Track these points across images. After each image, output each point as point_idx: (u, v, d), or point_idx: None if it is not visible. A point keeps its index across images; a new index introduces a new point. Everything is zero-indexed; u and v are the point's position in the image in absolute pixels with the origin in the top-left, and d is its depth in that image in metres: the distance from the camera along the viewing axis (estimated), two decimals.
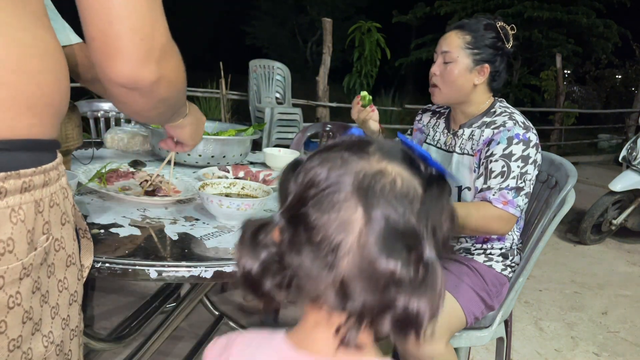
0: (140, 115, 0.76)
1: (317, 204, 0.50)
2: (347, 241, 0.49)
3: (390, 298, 0.49)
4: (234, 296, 2.53)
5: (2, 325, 0.55)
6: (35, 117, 0.57)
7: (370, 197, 0.50)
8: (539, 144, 1.46)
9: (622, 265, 3.63)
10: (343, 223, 0.49)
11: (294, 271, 0.52)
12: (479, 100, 1.53)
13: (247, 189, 1.33)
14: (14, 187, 0.54)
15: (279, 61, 6.03)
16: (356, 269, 0.49)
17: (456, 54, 1.47)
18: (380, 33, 6.76)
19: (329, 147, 0.55)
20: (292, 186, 0.54)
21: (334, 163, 0.52)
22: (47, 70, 0.59)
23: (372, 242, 0.49)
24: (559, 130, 8.76)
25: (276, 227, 0.54)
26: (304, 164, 0.55)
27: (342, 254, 0.49)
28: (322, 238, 0.50)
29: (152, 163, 1.74)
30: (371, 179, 0.50)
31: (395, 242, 0.49)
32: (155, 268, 0.92)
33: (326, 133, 2.73)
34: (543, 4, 10.76)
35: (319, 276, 0.50)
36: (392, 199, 0.50)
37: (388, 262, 0.49)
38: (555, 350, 2.34)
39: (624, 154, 4.05)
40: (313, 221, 0.50)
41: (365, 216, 0.49)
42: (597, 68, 12.54)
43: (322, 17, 6.42)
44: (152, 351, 1.51)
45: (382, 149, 0.54)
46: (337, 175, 0.51)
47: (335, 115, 6.80)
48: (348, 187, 0.50)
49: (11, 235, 0.54)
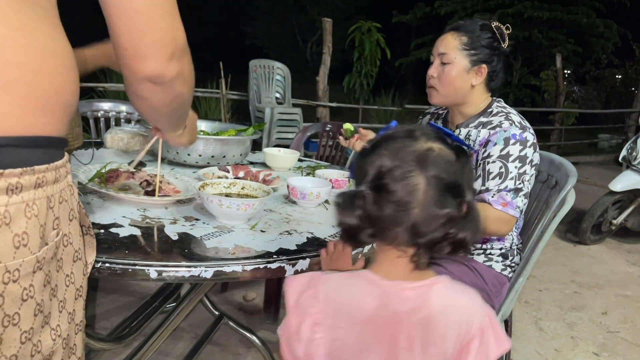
0: (156, 110, 0.81)
1: (391, 177, 0.74)
2: (415, 198, 0.73)
3: (447, 231, 0.74)
4: (234, 296, 2.54)
5: (16, 317, 0.57)
6: (49, 116, 0.60)
7: (426, 166, 0.74)
8: (536, 144, 1.46)
9: (622, 265, 3.63)
10: (411, 186, 0.73)
11: (379, 222, 0.75)
12: (477, 101, 1.53)
13: (247, 189, 1.33)
14: (28, 182, 0.56)
15: (279, 61, 6.03)
16: (423, 215, 0.73)
17: (453, 56, 1.48)
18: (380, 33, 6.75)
19: (388, 138, 0.79)
20: (368, 167, 0.77)
21: (396, 148, 0.76)
22: (61, 70, 0.62)
23: (432, 196, 0.73)
24: (559, 130, 8.76)
25: (363, 194, 0.76)
26: (372, 152, 0.78)
27: (412, 207, 0.73)
28: (398, 198, 0.73)
29: (152, 163, 1.74)
30: (424, 154, 0.75)
31: (447, 193, 0.74)
32: (155, 268, 0.92)
33: (326, 133, 2.73)
34: (543, 4, 10.75)
35: (397, 224, 0.74)
36: (440, 165, 0.75)
37: (444, 207, 0.73)
38: (555, 350, 2.34)
39: (624, 154, 4.05)
40: (390, 188, 0.74)
41: (425, 179, 0.74)
42: (597, 68, 12.54)
43: (322, 17, 6.42)
44: (152, 351, 1.51)
45: (424, 133, 0.79)
46: (401, 156, 0.75)
47: (335, 115, 6.80)
48: (411, 162, 0.74)
49: (26, 229, 0.56)
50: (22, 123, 0.56)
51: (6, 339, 0.56)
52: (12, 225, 0.55)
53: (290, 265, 1.02)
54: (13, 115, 0.55)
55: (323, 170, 1.75)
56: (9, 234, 0.54)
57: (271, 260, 1.01)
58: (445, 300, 0.78)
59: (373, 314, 0.77)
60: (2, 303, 0.55)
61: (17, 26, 0.56)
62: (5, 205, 0.54)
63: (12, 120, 0.55)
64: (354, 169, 0.84)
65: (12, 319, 0.56)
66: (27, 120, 0.57)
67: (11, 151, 0.55)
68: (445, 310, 0.77)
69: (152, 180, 1.37)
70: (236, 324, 1.92)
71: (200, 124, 1.96)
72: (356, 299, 0.79)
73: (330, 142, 2.71)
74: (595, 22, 11.05)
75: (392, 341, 0.77)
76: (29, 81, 0.57)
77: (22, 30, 0.57)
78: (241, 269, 0.98)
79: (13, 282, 0.55)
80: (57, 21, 0.64)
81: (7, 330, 0.56)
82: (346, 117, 6.56)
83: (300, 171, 1.92)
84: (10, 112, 0.55)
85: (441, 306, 0.77)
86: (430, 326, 0.77)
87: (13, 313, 0.56)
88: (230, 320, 1.92)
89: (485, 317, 0.80)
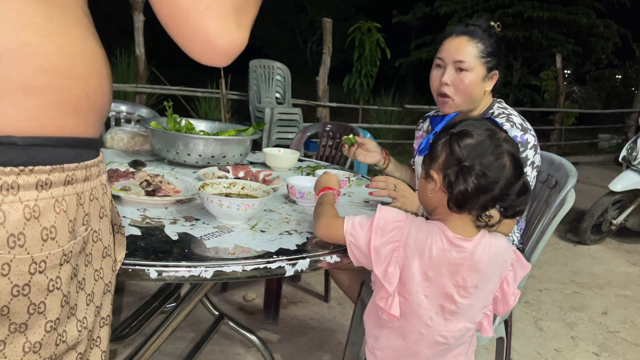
0: None
1: (488, 157, 0.96)
2: (503, 174, 0.96)
3: (514, 201, 0.98)
4: (234, 296, 2.54)
5: (42, 306, 0.60)
6: (80, 118, 0.62)
7: (509, 148, 0.98)
8: (537, 145, 1.46)
9: (622, 265, 3.63)
10: (502, 164, 0.96)
11: (475, 192, 0.96)
12: (483, 105, 1.54)
13: (247, 189, 1.33)
14: (58, 179, 0.59)
15: (279, 61, 6.02)
16: (504, 188, 0.96)
17: (473, 64, 1.44)
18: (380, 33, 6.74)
19: (469, 129, 0.99)
20: (463, 150, 0.97)
21: (486, 135, 0.98)
22: (92, 75, 0.64)
23: (512, 172, 0.97)
24: (559, 130, 8.76)
25: (469, 170, 0.95)
26: (465, 137, 0.98)
27: (500, 180, 0.96)
28: (493, 174, 0.95)
29: (152, 163, 1.74)
30: (505, 139, 0.99)
31: (519, 170, 0.98)
32: (155, 268, 0.92)
33: (326, 133, 2.73)
34: (543, 4, 10.75)
35: (486, 193, 0.96)
36: (514, 147, 1.00)
37: (517, 182, 0.97)
38: (555, 350, 2.34)
39: (624, 154, 4.05)
40: (488, 165, 0.96)
41: (510, 159, 0.97)
42: (597, 68, 12.54)
43: (322, 17, 6.41)
44: (152, 351, 1.51)
45: (493, 125, 1.01)
46: (494, 142, 0.97)
47: (335, 115, 6.80)
48: (500, 147, 0.97)
49: (54, 223, 0.59)
50: (54, 124, 0.59)
51: (31, 325, 0.59)
52: (41, 219, 0.57)
53: (290, 265, 1.02)
54: (45, 117, 0.58)
55: (323, 170, 1.75)
56: (37, 227, 0.57)
57: (271, 260, 1.01)
58: (490, 248, 1.02)
59: (438, 254, 0.99)
60: (28, 292, 0.58)
61: (48, 32, 0.58)
62: (35, 199, 0.57)
63: (44, 121, 0.58)
64: (426, 149, 1.05)
65: (37, 307, 0.59)
66: (58, 122, 0.59)
67: (42, 150, 0.58)
68: (492, 256, 1.02)
69: (152, 180, 1.37)
70: (236, 324, 1.92)
71: (200, 124, 1.96)
72: (429, 241, 0.99)
73: (330, 142, 2.71)
74: (595, 22, 11.04)
75: (449, 278, 1.00)
76: (60, 86, 0.59)
77: (52, 37, 0.59)
78: (241, 269, 0.98)
79: (39, 272, 0.58)
80: (88, 24, 0.65)
81: (32, 317, 0.59)
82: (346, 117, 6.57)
83: (300, 171, 1.92)
84: (42, 114, 0.58)
85: (488, 253, 1.01)
86: (481, 269, 1.01)
87: (39, 302, 0.59)
88: (230, 320, 1.92)
89: (512, 252, 1.06)
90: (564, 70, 8.94)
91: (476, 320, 1.07)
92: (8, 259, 0.56)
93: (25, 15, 0.57)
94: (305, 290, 2.69)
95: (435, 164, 1.01)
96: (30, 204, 0.56)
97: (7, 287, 0.56)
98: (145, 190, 1.32)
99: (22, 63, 0.56)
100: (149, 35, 5.26)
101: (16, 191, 0.55)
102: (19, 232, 0.56)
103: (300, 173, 1.88)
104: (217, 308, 1.95)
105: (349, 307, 2.49)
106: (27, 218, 0.56)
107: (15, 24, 0.56)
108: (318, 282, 2.74)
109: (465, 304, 1.03)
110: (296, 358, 2.06)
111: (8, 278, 0.56)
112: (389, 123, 7.18)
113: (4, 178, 0.54)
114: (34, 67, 0.57)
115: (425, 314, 1.03)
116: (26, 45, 0.56)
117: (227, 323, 1.92)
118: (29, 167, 0.56)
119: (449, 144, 0.99)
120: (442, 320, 1.04)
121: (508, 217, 1.01)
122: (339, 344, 2.18)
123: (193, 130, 1.87)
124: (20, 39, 0.56)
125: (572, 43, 11.23)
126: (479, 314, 1.07)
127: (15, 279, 0.57)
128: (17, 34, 0.56)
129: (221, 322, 1.92)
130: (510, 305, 1.07)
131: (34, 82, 0.57)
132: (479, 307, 1.06)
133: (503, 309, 1.08)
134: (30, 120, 0.57)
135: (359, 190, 1.68)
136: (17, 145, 0.56)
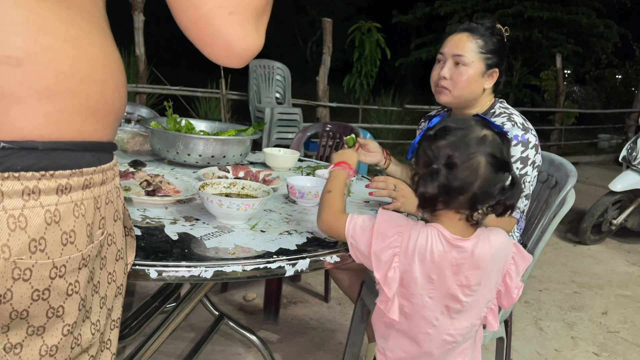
0: None
1: (460, 157, 0.95)
2: (478, 173, 0.95)
3: (499, 198, 0.97)
4: (234, 296, 2.54)
5: (60, 310, 0.60)
6: (99, 123, 0.63)
7: (484, 148, 0.96)
8: (538, 145, 1.46)
9: (622, 265, 3.63)
10: (475, 165, 0.95)
11: (449, 193, 0.96)
12: (483, 103, 1.54)
13: (247, 189, 1.33)
14: (77, 183, 0.59)
15: (279, 61, 6.02)
16: (483, 186, 0.96)
17: (471, 58, 1.46)
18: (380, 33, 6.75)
19: (448, 127, 0.99)
20: (439, 150, 0.97)
21: (461, 135, 0.98)
22: (110, 79, 0.64)
23: (490, 171, 0.96)
24: (559, 130, 8.75)
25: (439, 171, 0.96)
26: (440, 138, 0.98)
27: (475, 180, 0.95)
28: (466, 174, 0.95)
29: (152, 163, 1.74)
30: (482, 139, 0.97)
31: (500, 169, 0.97)
32: (155, 268, 0.93)
33: (326, 133, 2.73)
34: (543, 4, 10.74)
35: (463, 193, 0.96)
36: (494, 147, 0.97)
37: (497, 180, 0.96)
38: (555, 350, 2.33)
39: (624, 154, 4.05)
40: (460, 166, 0.95)
41: (485, 158, 0.96)
42: (597, 68, 12.54)
43: (322, 17, 6.41)
44: (152, 351, 1.51)
45: (477, 122, 1.01)
46: (466, 141, 0.97)
47: (335, 115, 6.80)
48: (474, 146, 0.96)
49: (73, 227, 0.59)
50: (73, 129, 0.59)
51: (49, 328, 0.60)
52: (62, 223, 0.58)
53: (290, 265, 1.02)
54: (65, 122, 0.59)
55: (323, 170, 1.75)
56: (58, 232, 0.58)
57: (271, 260, 1.01)
58: (490, 244, 1.03)
59: (439, 257, 1.00)
60: (48, 296, 0.58)
61: (68, 37, 0.59)
62: (56, 204, 0.57)
63: (64, 126, 0.59)
64: (414, 149, 1.07)
65: (56, 311, 0.60)
66: (77, 127, 0.60)
67: (62, 154, 0.58)
68: (492, 252, 1.03)
69: (152, 180, 1.37)
70: (236, 324, 1.92)
71: (200, 124, 1.96)
72: (429, 244, 1.00)
73: (330, 142, 2.71)
74: (595, 22, 11.04)
75: (452, 279, 1.01)
76: (80, 91, 0.60)
77: (73, 42, 0.59)
78: (241, 269, 0.98)
79: (59, 277, 0.59)
80: (106, 29, 0.66)
81: (51, 321, 0.60)
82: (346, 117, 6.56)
83: (300, 171, 1.92)
84: (62, 119, 0.58)
85: (489, 250, 1.02)
86: (483, 266, 1.02)
87: (57, 306, 0.60)
88: (230, 320, 1.92)
89: (512, 245, 1.07)
90: (564, 70, 8.93)
91: (481, 316, 1.09)
92: (30, 264, 0.56)
93: (47, 19, 0.57)
94: (305, 290, 2.69)
95: (417, 165, 1.04)
96: (51, 208, 0.57)
97: (28, 292, 0.57)
98: (145, 190, 1.32)
99: (44, 68, 0.56)
100: (149, 35, 5.26)
101: (37, 196, 0.56)
102: (40, 237, 0.56)
103: (300, 173, 1.88)
104: (217, 308, 1.95)
105: (349, 307, 2.49)
106: (47, 223, 0.57)
107: (37, 28, 0.56)
108: (318, 282, 2.74)
109: (470, 302, 1.04)
110: (296, 358, 2.06)
111: (29, 283, 0.56)
112: (389, 123, 7.17)
113: (26, 183, 0.55)
114: (55, 72, 0.57)
115: (430, 315, 1.04)
116: (47, 50, 0.57)
117: (227, 323, 1.92)
118: (50, 172, 0.56)
119: (423, 146, 1.02)
120: (449, 320, 1.05)
121: (500, 215, 1.00)
122: (339, 344, 2.18)
123: (193, 130, 1.87)
124: (41, 43, 0.56)
125: (572, 43, 11.23)
126: (483, 309, 1.08)
127: (36, 283, 0.57)
128: (38, 39, 0.56)
129: (221, 322, 1.91)
130: (515, 298, 1.08)
131: (55, 87, 0.57)
132: (483, 302, 1.07)
133: (508, 302, 1.09)
134: (51, 125, 0.57)
135: (359, 190, 1.68)
136: (38, 150, 0.56)
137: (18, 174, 0.54)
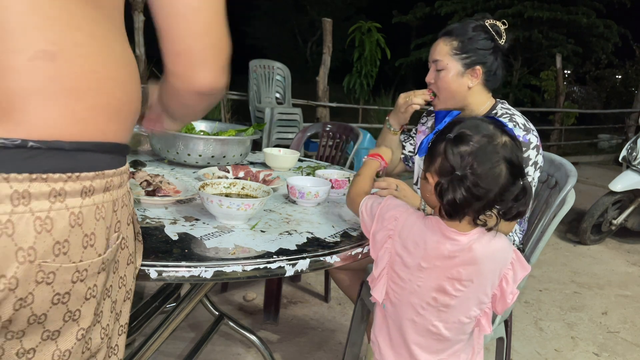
0: (190, 113, 0.85)
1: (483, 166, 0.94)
2: (499, 181, 0.95)
3: (512, 204, 0.97)
4: (234, 296, 2.54)
5: (77, 313, 0.59)
6: (121, 123, 0.63)
7: (506, 156, 0.96)
8: (540, 146, 1.46)
9: (622, 265, 3.63)
10: (497, 173, 0.95)
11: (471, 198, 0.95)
12: (478, 102, 1.53)
13: (247, 189, 1.33)
14: (99, 186, 0.59)
15: (279, 61, 6.02)
16: (500, 193, 0.96)
17: (445, 62, 1.51)
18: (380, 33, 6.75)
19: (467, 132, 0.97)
20: (459, 157, 0.96)
21: (484, 142, 0.96)
22: (131, 79, 0.65)
23: (508, 179, 0.96)
24: (559, 130, 8.76)
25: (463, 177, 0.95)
26: (461, 143, 0.96)
27: (495, 187, 0.95)
28: (487, 182, 0.95)
29: (152, 163, 1.74)
30: (503, 147, 0.97)
31: (516, 175, 0.97)
32: (155, 268, 0.92)
33: (326, 133, 2.73)
34: (543, 4, 10.75)
35: (480, 200, 0.96)
36: (513, 154, 0.97)
37: (514, 187, 0.97)
38: (555, 350, 2.34)
39: (624, 154, 4.05)
40: (482, 174, 0.94)
41: (505, 167, 0.96)
42: (597, 68, 12.54)
43: (322, 17, 6.41)
44: (152, 351, 1.51)
45: (495, 127, 0.99)
46: (490, 149, 0.95)
47: (335, 115, 6.80)
48: (496, 154, 0.95)
49: (94, 230, 0.59)
50: (98, 129, 0.59)
51: (63, 332, 0.59)
52: (84, 226, 0.57)
53: (290, 265, 1.02)
54: (90, 121, 0.58)
55: (323, 170, 1.75)
56: (80, 234, 0.57)
57: (271, 260, 1.01)
58: (488, 244, 1.03)
59: (433, 247, 1.02)
60: (67, 300, 0.58)
61: (96, 35, 0.59)
62: (80, 206, 0.56)
63: (90, 126, 0.58)
64: (425, 149, 1.06)
65: (73, 315, 0.59)
66: (102, 127, 0.59)
67: (87, 156, 0.58)
68: (489, 252, 1.03)
69: (152, 180, 1.36)
70: (236, 324, 1.92)
71: (200, 124, 1.96)
72: (424, 232, 1.03)
73: (330, 142, 2.71)
74: (595, 22, 11.05)
75: (443, 270, 1.02)
76: (106, 90, 0.59)
77: (102, 40, 0.59)
78: (241, 269, 0.98)
79: (80, 281, 0.58)
80: (123, 29, 0.66)
81: (67, 325, 0.59)
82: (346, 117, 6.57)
83: (301, 171, 1.92)
84: (88, 118, 0.58)
85: (485, 249, 1.02)
86: (477, 264, 1.02)
87: (75, 310, 0.59)
88: (230, 320, 1.92)
89: (513, 252, 1.07)
90: (564, 70, 8.94)
91: (471, 315, 1.08)
92: (54, 268, 0.55)
93: (77, 17, 0.57)
94: (305, 290, 2.69)
95: (432, 167, 1.02)
96: (75, 210, 0.56)
97: (49, 296, 0.55)
98: (145, 190, 1.32)
99: (73, 64, 0.56)
100: (149, 36, 5.26)
101: (63, 198, 0.55)
102: (64, 240, 0.55)
103: (300, 173, 1.88)
104: (217, 308, 1.95)
105: (349, 307, 2.49)
106: (72, 225, 0.56)
107: (69, 24, 0.56)
108: (318, 282, 2.74)
109: (459, 297, 1.04)
110: (296, 358, 2.06)
111: (51, 286, 0.55)
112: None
113: (53, 185, 0.54)
114: (84, 68, 0.57)
115: (417, 303, 1.06)
116: (78, 46, 0.56)
117: (227, 323, 1.92)
118: (76, 174, 0.55)
119: (444, 150, 0.99)
120: (435, 311, 1.06)
121: (508, 220, 1.01)
122: (339, 344, 2.18)
123: (193, 130, 1.87)
124: (73, 39, 0.56)
125: (572, 43, 11.24)
126: (474, 308, 1.07)
127: (58, 287, 0.56)
128: (70, 35, 0.56)
129: (221, 322, 1.91)
130: (508, 303, 1.08)
131: (82, 84, 0.57)
132: (474, 301, 1.06)
133: (501, 307, 1.09)
134: (76, 124, 0.56)
135: None
136: (64, 150, 0.55)
137: (46, 175, 0.53)
